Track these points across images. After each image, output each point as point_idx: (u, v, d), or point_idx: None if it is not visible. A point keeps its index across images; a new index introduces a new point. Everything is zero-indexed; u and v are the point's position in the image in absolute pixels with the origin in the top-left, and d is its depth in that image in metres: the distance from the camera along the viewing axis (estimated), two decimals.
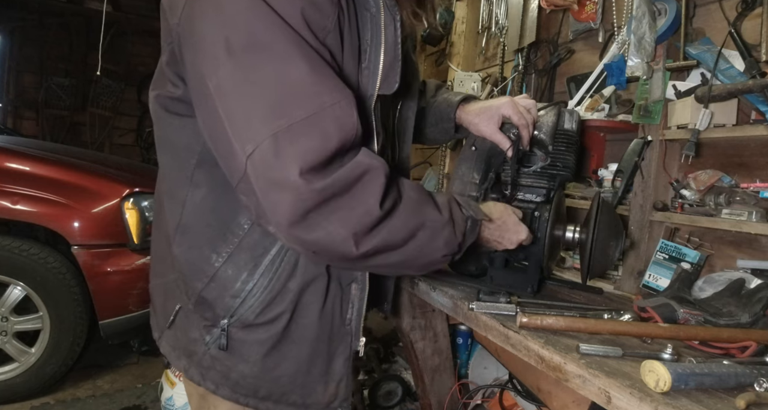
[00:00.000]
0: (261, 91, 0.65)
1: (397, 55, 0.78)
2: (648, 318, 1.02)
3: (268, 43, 0.65)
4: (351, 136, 0.69)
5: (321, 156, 0.66)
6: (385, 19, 0.77)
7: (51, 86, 6.65)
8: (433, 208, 0.81)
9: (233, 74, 0.66)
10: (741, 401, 0.67)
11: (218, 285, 0.84)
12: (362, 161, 0.71)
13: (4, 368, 2.33)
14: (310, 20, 0.67)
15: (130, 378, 2.75)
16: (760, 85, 1.18)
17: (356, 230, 0.70)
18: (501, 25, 2.43)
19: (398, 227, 0.75)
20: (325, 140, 0.66)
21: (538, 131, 1.21)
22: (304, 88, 0.66)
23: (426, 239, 0.79)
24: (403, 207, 0.76)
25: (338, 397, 0.91)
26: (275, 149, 0.64)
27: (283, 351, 0.86)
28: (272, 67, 0.66)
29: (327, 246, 0.71)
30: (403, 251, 0.77)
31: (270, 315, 0.83)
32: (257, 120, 0.65)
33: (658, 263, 1.39)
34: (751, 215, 1.17)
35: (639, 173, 1.46)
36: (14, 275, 2.29)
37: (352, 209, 0.70)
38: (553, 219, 1.15)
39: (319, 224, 0.68)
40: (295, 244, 0.72)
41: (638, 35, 1.43)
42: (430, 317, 1.73)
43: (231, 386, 0.87)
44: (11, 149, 2.50)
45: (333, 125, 0.67)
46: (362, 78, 0.78)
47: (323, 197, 0.67)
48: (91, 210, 2.32)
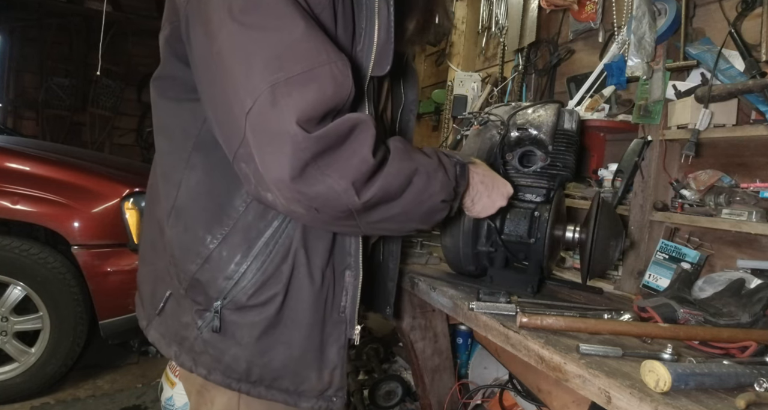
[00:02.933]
0: (260, 48, 0.68)
1: (389, 37, 0.80)
2: (648, 318, 1.02)
3: (265, 5, 0.69)
4: (345, 95, 0.71)
5: (317, 108, 0.68)
6: (379, 4, 0.79)
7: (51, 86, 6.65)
8: (421, 154, 0.83)
9: (234, 35, 0.69)
10: (741, 401, 0.67)
11: (212, 267, 0.84)
12: (351, 115, 0.73)
13: (4, 368, 2.33)
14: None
15: (130, 378, 2.75)
16: (760, 85, 1.17)
17: (355, 179, 0.72)
18: (501, 25, 2.43)
19: (393, 174, 0.76)
20: (321, 93, 0.68)
21: (538, 131, 1.21)
22: (302, 45, 0.69)
23: (422, 185, 0.80)
24: (394, 156, 0.78)
25: (333, 385, 0.92)
26: (273, 99, 0.66)
27: (276, 335, 0.87)
28: (271, 25, 0.68)
29: (329, 199, 0.72)
30: (403, 200, 0.79)
31: (262, 297, 0.84)
32: (256, 75, 0.67)
33: (658, 263, 1.39)
34: (751, 215, 1.17)
35: (639, 173, 1.46)
36: (14, 275, 2.29)
37: (348, 159, 0.71)
38: (553, 219, 1.15)
39: (319, 176, 0.70)
40: (295, 203, 0.72)
41: (638, 35, 1.43)
42: (430, 317, 1.73)
43: (223, 370, 0.87)
44: (11, 149, 2.50)
45: (329, 81, 0.69)
46: (357, 59, 0.80)
47: (320, 148, 0.69)
48: (91, 210, 2.32)
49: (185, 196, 0.87)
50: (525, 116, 1.24)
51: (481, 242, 1.20)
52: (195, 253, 0.85)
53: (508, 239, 1.19)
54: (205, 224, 0.85)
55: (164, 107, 0.89)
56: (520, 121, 1.23)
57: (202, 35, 0.73)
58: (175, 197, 0.87)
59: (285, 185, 0.69)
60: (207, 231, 0.84)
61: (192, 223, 0.86)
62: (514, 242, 1.19)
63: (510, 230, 1.20)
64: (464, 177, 0.90)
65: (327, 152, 0.69)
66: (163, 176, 0.90)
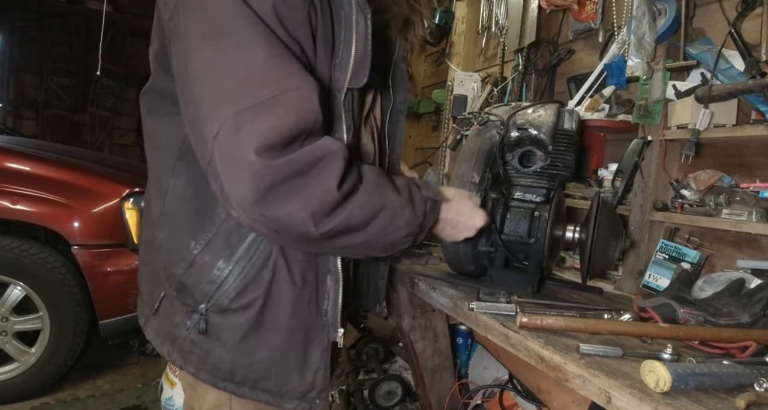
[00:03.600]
0: (228, 74, 0.70)
1: (367, 51, 0.82)
2: (648, 318, 1.02)
3: (237, 31, 0.70)
4: (311, 120, 0.72)
5: (279, 135, 0.69)
6: (357, 17, 0.80)
7: (51, 86, 6.65)
8: (392, 190, 0.84)
9: (205, 59, 0.72)
10: (741, 401, 0.67)
11: (196, 271, 0.87)
12: (321, 144, 0.74)
13: (4, 368, 2.33)
14: (280, 14, 0.72)
15: (130, 378, 2.75)
16: (760, 85, 1.17)
17: (315, 211, 0.73)
18: (501, 25, 2.43)
19: (359, 209, 0.78)
20: (283, 120, 0.69)
21: (538, 131, 1.21)
22: (267, 72, 0.70)
23: (387, 220, 0.82)
24: (363, 190, 0.79)
25: (316, 387, 0.92)
26: (236, 126, 0.68)
27: (259, 337, 0.89)
28: (240, 52, 0.70)
29: (288, 226, 0.74)
30: (366, 232, 0.81)
31: (243, 300, 0.86)
32: (223, 101, 0.70)
33: (658, 263, 1.39)
34: (751, 215, 1.17)
35: (639, 173, 1.46)
36: (14, 275, 2.29)
37: (311, 189, 0.73)
38: (553, 219, 1.15)
39: (279, 203, 0.72)
40: (257, 224, 0.75)
41: (638, 35, 1.43)
42: (430, 317, 1.73)
43: (209, 370, 0.90)
44: (11, 149, 2.50)
45: (293, 108, 0.70)
46: (335, 72, 0.82)
47: (282, 175, 0.70)
48: (91, 210, 2.32)
49: (172, 202, 0.91)
50: (525, 116, 1.24)
51: (481, 242, 1.20)
52: (181, 257, 0.89)
53: (508, 239, 1.19)
54: (190, 229, 0.88)
55: (152, 121, 0.93)
56: (520, 121, 1.23)
57: (180, 54, 0.76)
58: (164, 203, 0.92)
59: (247, 207, 0.72)
60: (191, 237, 0.88)
61: (178, 228, 0.90)
62: (514, 242, 1.19)
63: (510, 230, 1.20)
64: (434, 213, 0.92)
65: (291, 180, 0.71)
66: (153, 183, 0.96)
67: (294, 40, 0.74)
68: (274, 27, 0.71)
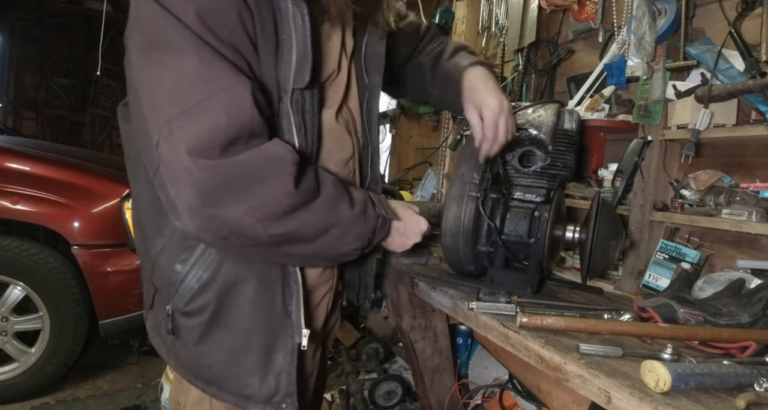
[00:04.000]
0: (161, 85, 0.72)
1: (306, 49, 0.80)
2: (648, 318, 1.02)
3: (166, 42, 0.71)
4: (245, 120, 0.72)
5: (212, 137, 0.70)
6: (293, 13, 0.78)
7: (51, 86, 6.66)
8: (348, 205, 0.85)
9: (142, 72, 0.74)
10: (741, 401, 0.67)
11: (159, 274, 0.91)
12: (267, 147, 0.74)
13: (4, 368, 2.34)
14: (205, 19, 0.71)
15: (130, 378, 2.75)
16: (760, 85, 1.17)
17: (262, 216, 0.74)
18: (501, 25, 2.43)
19: (312, 221, 0.79)
20: (214, 122, 0.70)
21: (538, 131, 1.21)
22: (196, 78, 0.70)
23: (338, 235, 0.84)
24: (320, 203, 0.80)
25: (280, 391, 0.91)
26: (168, 134, 0.70)
27: (216, 338, 0.90)
28: (169, 62, 0.71)
29: (237, 230, 0.75)
30: (316, 245, 0.82)
31: (195, 305, 0.88)
32: (159, 110, 0.71)
33: (658, 263, 1.39)
34: (751, 215, 1.17)
35: (639, 173, 1.46)
36: (14, 275, 2.29)
37: (260, 193, 0.73)
38: (553, 219, 1.15)
39: (227, 206, 0.73)
40: (204, 231, 0.76)
41: (638, 35, 1.43)
42: (430, 317, 1.73)
43: (182, 366, 0.94)
44: (11, 149, 2.50)
45: (223, 110, 0.70)
46: (280, 72, 0.80)
47: (224, 178, 0.71)
48: (91, 210, 2.32)
49: (139, 208, 0.95)
50: (525, 115, 1.24)
51: (481, 242, 1.20)
52: (148, 260, 0.93)
53: (508, 239, 1.19)
54: (152, 234, 0.91)
55: (124, 131, 0.95)
56: (519, 121, 1.23)
57: (127, 68, 0.78)
58: (136, 209, 0.97)
59: (197, 212, 0.73)
60: (152, 241, 0.91)
61: (144, 233, 0.94)
62: (514, 242, 1.19)
63: (510, 230, 1.20)
64: (383, 229, 0.94)
65: (236, 183, 0.72)
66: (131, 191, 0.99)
67: (224, 43, 0.73)
68: (201, 33, 0.71)
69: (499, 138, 1.11)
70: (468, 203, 1.16)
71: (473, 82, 1.12)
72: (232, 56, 0.74)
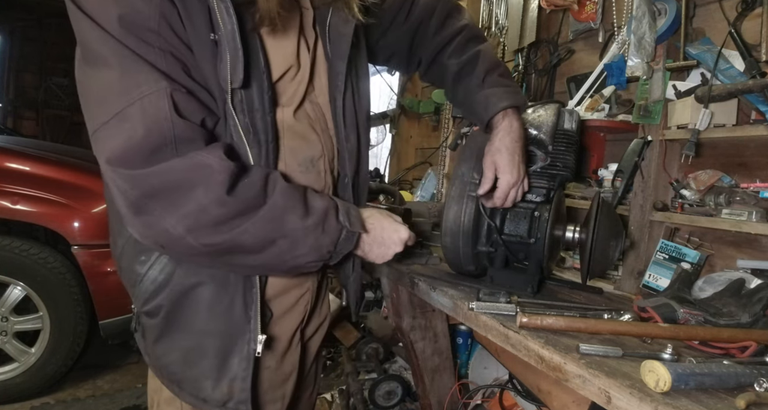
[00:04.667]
0: (89, 96, 0.73)
1: (236, 44, 0.76)
2: (648, 318, 1.02)
3: (92, 51, 0.71)
4: (164, 127, 0.70)
5: (129, 148, 0.70)
6: (218, 8, 0.74)
7: (51, 86, 6.66)
8: (299, 216, 0.80)
9: (78, 84, 0.74)
10: (741, 401, 0.67)
11: (123, 275, 0.93)
12: (194, 157, 0.72)
13: (4, 368, 2.34)
14: (127, 23, 0.69)
15: (130, 378, 2.75)
16: (760, 85, 1.17)
17: (191, 226, 0.73)
18: (501, 25, 2.43)
19: (252, 232, 0.76)
20: (132, 132, 0.69)
21: (538, 131, 1.21)
22: (117, 88, 0.70)
23: (287, 247, 0.80)
24: (263, 213, 0.77)
25: (233, 398, 0.90)
26: (95, 145, 0.72)
27: (173, 340, 0.90)
28: (94, 73, 0.72)
29: (169, 240, 0.75)
30: (263, 256, 0.79)
31: (151, 306, 0.88)
32: (90, 122, 0.73)
33: (658, 263, 1.39)
34: (751, 215, 1.17)
35: (639, 173, 1.46)
36: (14, 275, 2.29)
37: (186, 204, 0.72)
38: (553, 219, 1.15)
39: (156, 216, 0.72)
40: (144, 238, 0.76)
41: (638, 35, 1.43)
42: (430, 317, 1.73)
43: (151, 364, 0.95)
44: (11, 149, 2.50)
45: (139, 118, 0.69)
46: (220, 72, 0.77)
47: (148, 188, 0.71)
48: (91, 210, 2.32)
49: (108, 210, 0.95)
50: (525, 116, 1.24)
51: (481, 242, 1.20)
52: (115, 260, 0.95)
53: (508, 239, 1.19)
54: (116, 235, 0.92)
55: None
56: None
57: None
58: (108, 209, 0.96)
59: (131, 221, 0.74)
60: (115, 242, 0.93)
61: (112, 234, 0.95)
62: (514, 242, 1.19)
63: (510, 230, 1.20)
64: (350, 241, 0.87)
65: (162, 193, 0.71)
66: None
67: (149, 46, 0.71)
68: (121, 38, 0.69)
69: (506, 204, 1.12)
70: (468, 203, 1.16)
71: (499, 145, 1.07)
72: (157, 60, 0.71)
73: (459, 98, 1.16)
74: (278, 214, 0.78)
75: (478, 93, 1.10)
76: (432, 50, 1.17)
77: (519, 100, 1.09)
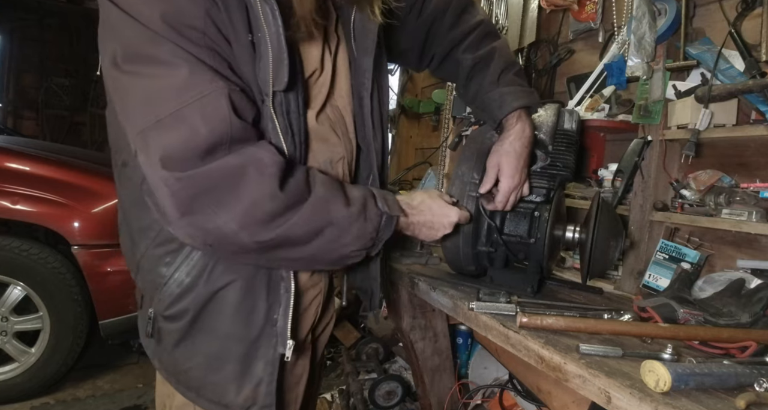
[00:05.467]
0: (133, 95, 0.70)
1: (281, 47, 0.75)
2: (648, 318, 1.02)
3: (134, 50, 0.69)
4: (223, 127, 0.70)
5: (188, 148, 0.68)
6: (263, 10, 0.74)
7: (51, 86, 6.65)
8: (342, 205, 0.81)
9: (115, 82, 0.72)
10: (741, 401, 0.67)
11: (143, 277, 0.90)
12: (246, 151, 0.72)
13: (4, 368, 2.34)
14: (172, 22, 0.68)
15: (130, 378, 2.75)
16: (760, 85, 1.17)
17: (246, 223, 0.72)
18: (501, 25, 2.43)
19: (301, 224, 0.76)
20: (190, 132, 0.68)
21: (538, 131, 1.21)
22: (169, 86, 0.69)
23: (334, 237, 0.80)
24: (309, 204, 0.77)
25: (257, 402, 0.88)
26: (144, 144, 0.69)
27: (195, 344, 0.88)
28: (141, 72, 0.69)
29: (220, 238, 0.73)
30: (310, 247, 0.79)
31: (176, 309, 0.86)
32: (133, 121, 0.70)
33: (658, 263, 1.39)
34: (751, 215, 1.17)
35: (639, 173, 1.46)
36: (14, 275, 2.29)
37: (239, 200, 0.71)
38: (553, 219, 1.15)
39: (207, 215, 0.71)
40: (190, 238, 0.75)
41: (638, 35, 1.43)
42: (430, 317, 1.73)
43: (165, 370, 0.93)
44: (11, 149, 2.50)
45: (198, 118, 0.68)
46: (259, 74, 0.77)
47: (200, 187, 0.70)
48: (91, 210, 2.32)
49: (122, 209, 0.93)
50: None
51: (481, 242, 1.20)
52: (132, 262, 0.92)
53: (508, 238, 1.19)
54: (135, 235, 0.89)
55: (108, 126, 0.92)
56: None
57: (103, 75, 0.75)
58: (121, 209, 0.94)
59: (177, 222, 0.72)
60: (136, 243, 0.89)
61: (128, 234, 0.92)
62: (514, 242, 1.19)
63: (510, 230, 1.20)
64: (390, 228, 0.88)
65: (213, 191, 0.70)
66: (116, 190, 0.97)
67: (196, 45, 0.70)
68: (170, 37, 0.68)
69: (505, 207, 1.14)
70: (468, 203, 1.16)
71: (509, 148, 1.09)
72: (207, 58, 0.71)
73: (471, 94, 1.15)
74: (323, 205, 0.78)
75: (493, 90, 1.10)
76: (446, 46, 1.16)
77: (533, 100, 1.11)
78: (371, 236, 0.85)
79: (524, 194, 1.16)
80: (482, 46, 1.14)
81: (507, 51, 1.17)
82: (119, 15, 0.69)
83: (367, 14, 0.93)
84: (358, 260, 0.88)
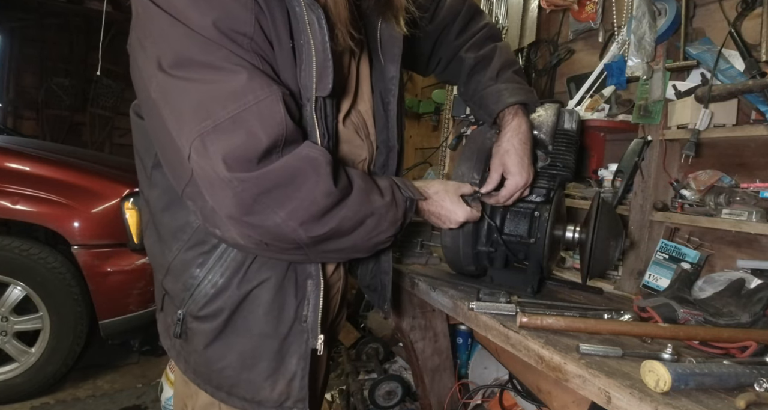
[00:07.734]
0: (187, 98, 0.70)
1: (327, 55, 0.77)
2: (648, 318, 1.02)
3: (187, 54, 0.70)
4: (280, 130, 0.71)
5: (248, 151, 0.69)
6: (309, 18, 0.75)
7: (51, 86, 6.64)
8: (378, 194, 0.85)
9: (162, 86, 0.71)
10: (741, 401, 0.67)
11: (173, 278, 0.90)
12: (301, 152, 0.74)
13: (4, 368, 2.34)
14: (224, 28, 0.69)
15: (130, 378, 2.75)
16: (760, 85, 1.17)
17: (304, 219, 0.74)
18: (501, 25, 2.43)
19: (349, 216, 0.79)
20: (249, 135, 0.69)
21: (538, 131, 1.21)
22: (225, 90, 0.69)
23: (374, 225, 0.84)
24: (354, 197, 0.80)
25: (291, 397, 0.91)
26: (203, 147, 0.69)
27: (229, 343, 0.90)
28: (193, 77, 0.70)
29: (279, 234, 0.75)
30: (353, 237, 0.82)
31: (210, 309, 0.88)
32: (187, 124, 0.70)
33: (658, 263, 1.39)
34: (751, 215, 1.17)
35: (639, 173, 1.46)
36: (14, 275, 2.29)
37: (298, 199, 0.73)
38: (553, 219, 1.15)
39: (269, 213, 0.73)
40: (247, 238, 0.75)
41: (638, 35, 1.43)
42: (430, 317, 1.73)
43: (192, 370, 0.93)
44: (11, 149, 2.50)
45: (257, 122, 0.70)
46: (301, 79, 0.78)
47: (262, 187, 0.71)
48: (91, 210, 2.32)
49: (153, 211, 0.93)
50: None
51: (481, 242, 1.20)
52: (160, 264, 0.93)
53: (508, 238, 1.20)
54: (167, 237, 0.90)
55: (134, 126, 0.94)
56: None
57: (139, 78, 0.76)
58: (149, 211, 0.95)
59: (237, 222, 0.73)
60: (167, 245, 0.90)
61: (157, 236, 0.93)
62: (514, 241, 1.19)
63: (510, 230, 1.20)
64: (412, 211, 0.94)
65: (274, 190, 0.72)
66: (141, 193, 0.99)
67: (248, 51, 0.72)
68: (222, 43, 0.69)
69: (508, 203, 1.15)
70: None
71: (508, 146, 1.10)
72: (259, 63, 0.72)
73: (470, 91, 1.18)
74: (365, 196, 0.82)
75: (491, 86, 1.13)
76: (452, 50, 1.21)
77: (531, 98, 1.13)
78: (401, 221, 0.90)
79: (524, 193, 1.17)
80: (485, 46, 1.18)
81: (508, 51, 1.20)
82: (167, 20, 0.69)
83: (392, 24, 0.96)
84: (388, 246, 0.93)
